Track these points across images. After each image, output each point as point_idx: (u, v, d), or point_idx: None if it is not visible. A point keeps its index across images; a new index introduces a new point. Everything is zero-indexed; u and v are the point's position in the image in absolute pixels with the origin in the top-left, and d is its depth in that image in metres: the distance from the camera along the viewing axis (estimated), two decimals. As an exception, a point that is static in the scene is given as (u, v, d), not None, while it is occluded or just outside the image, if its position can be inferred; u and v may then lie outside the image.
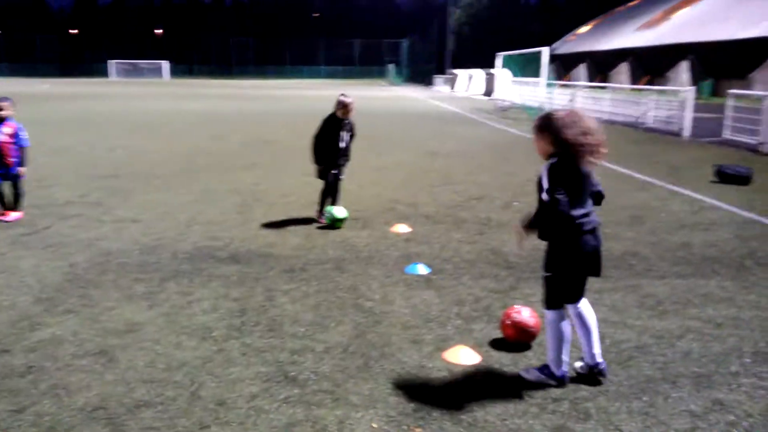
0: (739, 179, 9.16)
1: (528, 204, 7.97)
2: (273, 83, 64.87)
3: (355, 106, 7.06)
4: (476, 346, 3.88)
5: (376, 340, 4.01)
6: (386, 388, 3.39)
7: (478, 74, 45.36)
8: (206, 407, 3.21)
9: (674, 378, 3.48)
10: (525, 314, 3.88)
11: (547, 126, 3.24)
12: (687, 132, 15.96)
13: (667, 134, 16.57)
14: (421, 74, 66.75)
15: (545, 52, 22.43)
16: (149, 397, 3.31)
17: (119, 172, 10.14)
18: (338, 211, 6.88)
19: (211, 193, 8.65)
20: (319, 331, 4.15)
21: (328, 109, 7.18)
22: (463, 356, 3.74)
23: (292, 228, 6.83)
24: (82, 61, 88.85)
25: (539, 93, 24.61)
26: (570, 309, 3.43)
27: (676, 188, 9.03)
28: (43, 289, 4.87)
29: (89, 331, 4.12)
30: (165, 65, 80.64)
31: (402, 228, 6.79)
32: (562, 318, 3.35)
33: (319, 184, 7.14)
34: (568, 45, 59.66)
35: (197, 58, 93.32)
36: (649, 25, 48.14)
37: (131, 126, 18.04)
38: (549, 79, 26.00)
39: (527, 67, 29.52)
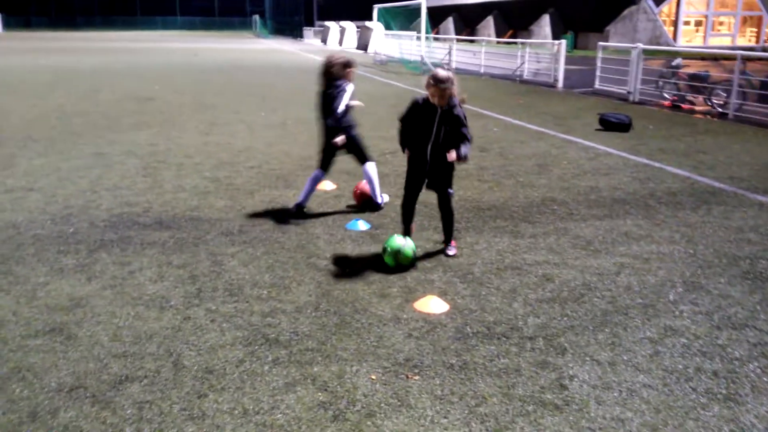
0: (621, 126, 10.04)
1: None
2: (125, 35, 59.92)
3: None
4: (441, 295, 4.03)
5: (343, 296, 4.03)
6: (371, 342, 3.46)
7: (351, 27, 45.03)
8: (195, 376, 3.09)
9: (625, 310, 3.86)
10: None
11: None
12: (561, 84, 17.07)
13: (542, 86, 17.61)
14: (288, 26, 64.84)
15: (424, 4, 22.67)
16: (129, 371, 3.12)
17: (-12, 136, 9.04)
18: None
19: (104, 156, 7.99)
20: (283, 292, 4.09)
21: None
22: (434, 305, 3.88)
23: (211, 190, 6.54)
24: None
25: (418, 47, 24.97)
26: None
27: (568, 137, 9.73)
28: (-48, 269, 4.33)
29: (29, 309, 3.76)
30: (-3, 15, 71.48)
31: (328, 185, 6.74)
32: None
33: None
34: (435, -1, 60.60)
35: (34, 9, 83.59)
36: (511, -20, 50.10)
37: (-20, 83, 16.01)
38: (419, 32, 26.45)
39: (401, 21, 29.80)
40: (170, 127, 10.21)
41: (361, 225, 5.43)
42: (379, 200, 5.94)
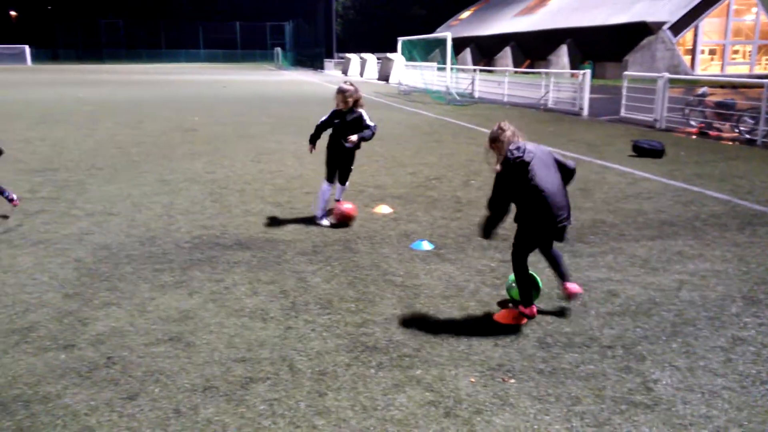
0: (654, 153, 10.36)
1: (484, 182, 8.60)
2: (151, 68, 61.60)
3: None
4: (517, 308, 4.34)
5: (425, 309, 4.37)
6: (462, 349, 3.77)
7: (371, 59, 46.03)
8: (312, 378, 3.42)
9: (693, 322, 4.15)
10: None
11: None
12: (586, 112, 17.45)
13: (567, 114, 18.01)
14: (309, 58, 66.29)
15: (449, 38, 23.32)
16: (251, 373, 3.46)
17: (54, 166, 9.56)
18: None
19: (169, 183, 8.45)
20: (369, 305, 4.43)
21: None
22: (515, 318, 4.19)
23: (276, 214, 6.94)
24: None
25: (443, 77, 25.57)
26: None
27: (604, 163, 10.06)
28: (64, 285, 4.72)
29: (144, 321, 4.13)
30: (27, 50, 73.85)
31: (385, 209, 7.12)
32: None
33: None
34: (453, 30, 61.82)
35: (62, 42, 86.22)
36: (526, 11, 51.09)
37: (32, 116, 16.72)
38: (441, 63, 27.09)
39: (424, 52, 30.53)
40: (220, 156, 10.69)
41: (426, 245, 5.78)
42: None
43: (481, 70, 27.67)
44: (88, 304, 4.38)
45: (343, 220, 6.47)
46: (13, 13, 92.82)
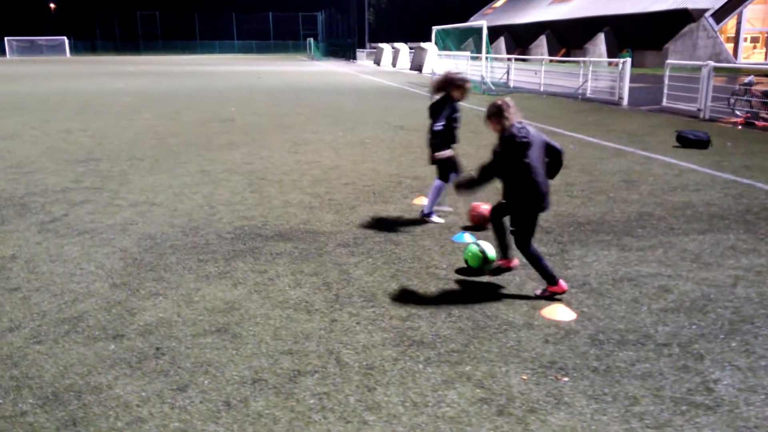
0: (700, 143, 10.04)
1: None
2: (186, 59, 62.40)
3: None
4: (566, 304, 4.23)
5: (471, 304, 4.28)
6: (510, 345, 3.69)
7: (404, 48, 45.77)
8: (360, 372, 3.38)
9: (751, 319, 3.99)
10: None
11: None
12: (626, 101, 17.03)
13: (606, 104, 17.61)
14: (341, 48, 66.30)
15: (485, 26, 22.99)
16: (299, 366, 3.44)
17: (95, 156, 9.72)
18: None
19: (209, 174, 8.51)
20: (413, 299, 4.37)
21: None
22: (561, 313, 4.09)
23: (316, 205, 6.91)
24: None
25: (477, 66, 25.26)
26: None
27: (647, 154, 9.79)
28: (111, 275, 4.78)
29: (190, 311, 4.14)
30: (66, 42, 75.54)
31: (425, 200, 7.03)
32: None
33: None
34: (486, 18, 61.05)
35: (100, 34, 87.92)
36: (562, -1, 50.08)
37: (72, 107, 17.06)
38: (474, 52, 26.74)
39: (458, 41, 30.19)
40: (258, 146, 10.73)
41: (467, 237, 5.68)
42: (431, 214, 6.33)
43: (516, 59, 27.26)
44: (135, 294, 4.42)
45: (482, 223, 5.95)
46: (52, 5, 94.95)
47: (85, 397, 3.12)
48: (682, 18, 35.37)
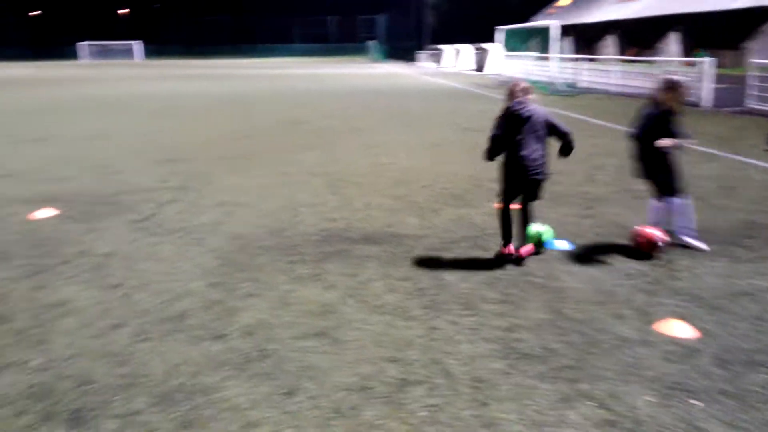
0: (798, 149, 9.40)
1: (611, 177, 8.10)
2: (249, 62, 63.79)
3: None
4: (683, 319, 3.96)
5: (577, 315, 4.07)
6: (627, 362, 3.46)
7: (466, 49, 45.34)
8: (469, 385, 3.24)
9: None
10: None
11: None
12: (707, 102, 16.24)
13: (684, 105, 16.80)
14: (401, 50, 66.36)
15: (555, 26, 22.45)
16: (405, 375, 3.32)
17: (177, 156, 9.94)
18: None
19: (288, 175, 8.54)
20: (513, 308, 4.19)
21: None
22: (679, 329, 3.82)
23: (397, 208, 6.81)
24: (52, 43, 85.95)
25: (544, 66, 24.70)
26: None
27: (741, 158, 9.24)
28: (205, 274, 4.80)
29: (287, 313, 4.10)
30: (136, 46, 78.53)
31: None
32: None
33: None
34: (550, 18, 59.83)
35: (170, 38, 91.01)
36: (632, -2, 48.47)
37: (148, 109, 17.63)
38: (541, 52, 26.17)
39: (522, 41, 29.64)
40: (332, 149, 10.73)
41: (561, 244, 5.45)
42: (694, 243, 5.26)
43: (585, 59, 26.51)
44: (231, 294, 4.42)
45: (650, 248, 5.08)
46: (124, 10, 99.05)
47: (195, 399, 3.10)
48: (762, 16, 33.58)
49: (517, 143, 4.80)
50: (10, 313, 4.09)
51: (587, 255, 5.20)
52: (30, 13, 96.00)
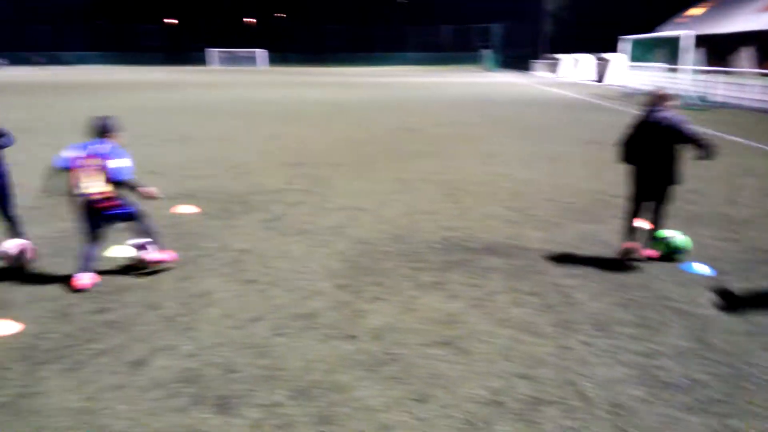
0: None
1: (753, 201, 7.52)
2: (365, 70, 65.30)
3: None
4: None
5: (723, 346, 3.79)
6: (784, 400, 3.18)
7: (586, 59, 43.83)
8: (607, 410, 3.11)
9: None
10: None
11: None
12: None
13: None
14: (516, 59, 65.28)
15: (687, 36, 21.15)
16: (537, 393, 3.25)
17: (301, 160, 10.35)
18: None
19: (405, 182, 8.64)
20: (651, 333, 3.98)
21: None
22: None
23: (518, 220, 6.68)
24: (183, 49, 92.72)
25: (673, 78, 23.33)
26: None
27: None
28: (333, 275, 4.96)
29: (413, 319, 4.14)
30: (261, 53, 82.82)
31: (640, 222, 6.48)
32: None
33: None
34: (681, 27, 56.42)
35: (292, 47, 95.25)
36: (775, 5, 44.66)
37: (272, 114, 18.51)
38: (670, 63, 24.67)
39: (650, 52, 28.16)
40: (447, 157, 10.74)
41: (700, 268, 5.11)
42: None
43: (721, 72, 24.74)
44: (359, 296, 4.53)
45: None
46: (250, 19, 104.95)
47: (330, 396, 3.20)
48: None
49: (650, 148, 5.03)
50: (161, 300, 4.43)
51: (732, 282, 4.84)
52: (165, 20, 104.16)
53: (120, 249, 5.43)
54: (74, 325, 4.01)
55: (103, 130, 4.73)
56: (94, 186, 4.53)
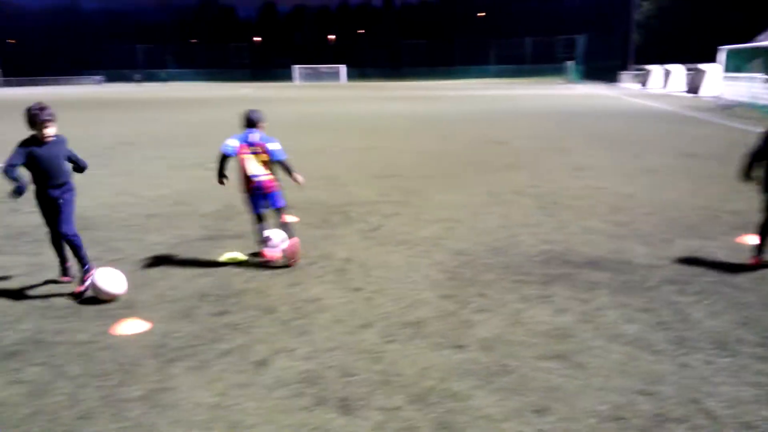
0: None
1: None
2: (444, 84, 65.43)
3: None
4: None
5: None
6: None
7: (677, 69, 42.05)
8: (736, 429, 2.98)
9: None
10: None
11: None
12: None
13: None
14: (602, 71, 63.51)
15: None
16: (662, 411, 3.16)
17: (391, 172, 10.52)
18: None
19: (497, 195, 8.60)
20: (780, 354, 3.77)
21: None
22: None
23: (621, 234, 6.50)
24: (269, 66, 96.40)
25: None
26: None
27: None
28: (435, 285, 5.02)
29: (522, 331, 4.12)
30: (342, 69, 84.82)
31: (750, 239, 6.16)
32: None
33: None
34: (781, 35, 53.03)
35: (369, 62, 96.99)
36: None
37: (358, 127, 18.92)
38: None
39: (749, 62, 26.66)
40: (537, 169, 10.60)
41: (827, 289, 4.79)
42: None
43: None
44: (464, 307, 4.56)
45: None
46: (331, 36, 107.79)
47: (447, 403, 3.25)
48: None
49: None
50: (274, 305, 4.63)
51: None
52: (254, 39, 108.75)
53: (233, 254, 5.73)
54: (198, 325, 4.27)
55: (254, 121, 5.48)
56: (261, 168, 5.33)
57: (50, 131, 4.64)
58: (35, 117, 4.57)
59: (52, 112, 4.66)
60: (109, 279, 4.69)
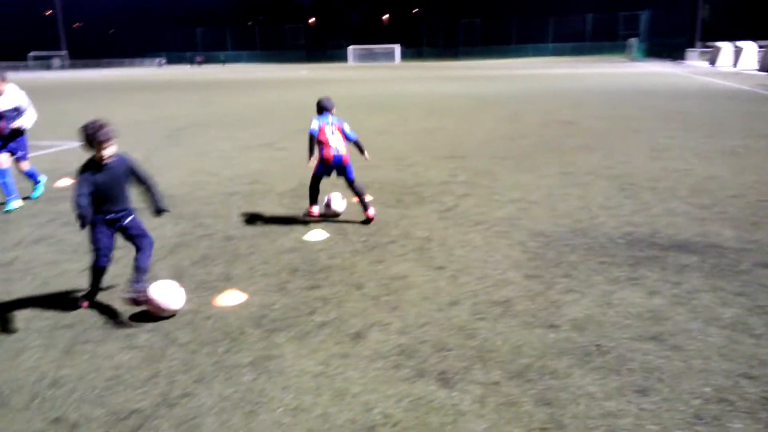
0: None
1: None
2: (501, 63, 64.21)
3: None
4: None
5: None
6: None
7: (749, 47, 40.04)
8: None
9: None
10: None
11: None
12: None
13: None
14: (664, 48, 61.02)
15: None
16: (762, 392, 3.11)
17: (459, 153, 10.48)
18: None
19: (571, 176, 8.47)
20: None
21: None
22: None
23: (704, 216, 6.32)
24: (324, 47, 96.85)
25: None
26: None
27: None
28: (519, 266, 5.02)
29: (614, 314, 4.09)
30: (396, 48, 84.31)
31: None
32: None
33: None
34: None
35: (425, 41, 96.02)
36: None
37: (420, 108, 18.86)
38: None
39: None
40: (611, 150, 10.36)
41: None
42: None
43: None
44: (551, 287, 4.55)
45: None
46: (385, 16, 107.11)
47: (547, 380, 3.28)
48: None
49: None
50: (361, 281, 4.75)
51: None
52: (309, 21, 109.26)
53: (316, 231, 5.88)
54: (292, 298, 4.43)
55: (327, 106, 6.21)
56: (341, 145, 6.09)
57: (110, 152, 4.07)
58: (92, 137, 4.00)
59: (111, 129, 4.08)
60: (166, 293, 4.16)
